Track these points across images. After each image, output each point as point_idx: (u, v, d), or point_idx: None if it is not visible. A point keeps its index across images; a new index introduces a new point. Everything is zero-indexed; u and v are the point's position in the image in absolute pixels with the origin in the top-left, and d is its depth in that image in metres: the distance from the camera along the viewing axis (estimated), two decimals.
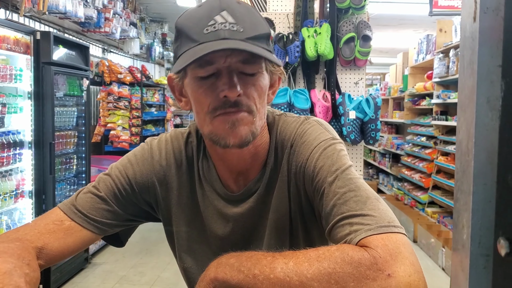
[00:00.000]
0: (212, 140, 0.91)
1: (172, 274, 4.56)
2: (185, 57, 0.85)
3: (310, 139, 0.95)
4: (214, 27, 0.85)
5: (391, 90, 8.52)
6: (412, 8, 7.22)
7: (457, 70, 5.45)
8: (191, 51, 0.84)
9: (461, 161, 0.42)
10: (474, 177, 0.39)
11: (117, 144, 6.83)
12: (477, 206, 0.40)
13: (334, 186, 0.86)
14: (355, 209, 0.81)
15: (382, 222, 0.78)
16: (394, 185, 8.18)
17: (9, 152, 3.34)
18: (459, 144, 0.44)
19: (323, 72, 2.99)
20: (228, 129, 0.88)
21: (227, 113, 0.87)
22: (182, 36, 0.89)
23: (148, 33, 8.40)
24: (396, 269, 0.72)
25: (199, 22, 0.87)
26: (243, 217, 1.01)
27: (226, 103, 0.86)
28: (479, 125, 0.39)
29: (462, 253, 0.41)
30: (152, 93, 7.89)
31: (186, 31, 0.88)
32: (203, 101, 0.88)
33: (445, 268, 4.79)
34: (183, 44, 0.88)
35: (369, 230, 0.77)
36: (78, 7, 4.96)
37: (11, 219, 3.51)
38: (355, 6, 2.85)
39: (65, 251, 0.95)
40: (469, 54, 0.39)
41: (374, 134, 2.83)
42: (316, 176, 0.90)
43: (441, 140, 6.13)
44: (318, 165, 0.90)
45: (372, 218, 0.79)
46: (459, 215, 0.43)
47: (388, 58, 12.63)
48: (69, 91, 4.16)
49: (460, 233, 0.42)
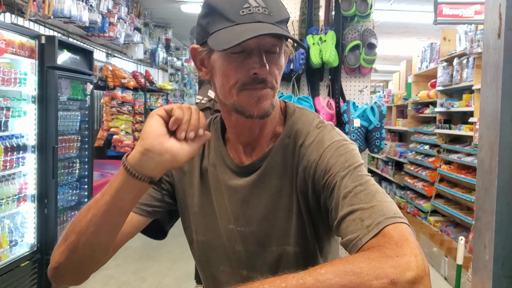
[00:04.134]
0: (236, 110, 0.99)
1: (174, 280, 4.54)
2: (225, 35, 0.92)
3: (325, 138, 1.02)
4: (249, 10, 0.93)
5: (395, 98, 8.51)
6: (416, 16, 7.23)
7: (461, 79, 5.46)
8: (229, 30, 0.93)
9: (483, 180, 0.41)
10: (498, 196, 0.38)
11: (120, 148, 6.82)
12: (500, 226, 0.39)
13: (346, 180, 0.92)
14: (365, 202, 0.87)
15: (389, 214, 0.84)
16: (396, 193, 8.15)
17: (12, 156, 3.33)
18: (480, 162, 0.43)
19: (328, 80, 2.99)
20: (253, 103, 0.97)
21: (254, 88, 0.97)
22: (215, 14, 0.95)
23: (152, 38, 8.42)
24: (404, 251, 0.77)
25: (234, 4, 0.94)
26: (243, 189, 1.07)
27: (255, 80, 0.96)
28: (503, 143, 0.38)
29: (483, 274, 0.40)
30: (156, 98, 7.90)
31: (221, 10, 0.94)
32: (232, 76, 0.97)
33: (447, 277, 4.76)
34: (216, 21, 0.95)
35: (378, 223, 0.83)
36: (82, 11, 4.98)
37: (13, 223, 3.50)
38: (361, 14, 2.85)
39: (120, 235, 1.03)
40: (493, 71, 0.38)
41: (379, 143, 2.82)
42: (329, 170, 0.96)
43: (444, 149, 6.11)
44: (332, 161, 0.97)
45: (380, 210, 0.85)
46: (481, 234, 0.41)
47: (391, 66, 12.64)
48: (73, 95, 4.16)
49: (482, 253, 0.41)
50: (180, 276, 4.62)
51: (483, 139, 0.41)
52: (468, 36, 5.17)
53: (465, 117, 5.65)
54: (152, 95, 7.79)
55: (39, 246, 3.66)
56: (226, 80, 0.98)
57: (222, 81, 0.99)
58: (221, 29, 0.94)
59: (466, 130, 5.36)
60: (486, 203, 0.41)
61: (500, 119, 0.39)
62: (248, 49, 0.95)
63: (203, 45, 0.99)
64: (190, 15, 7.59)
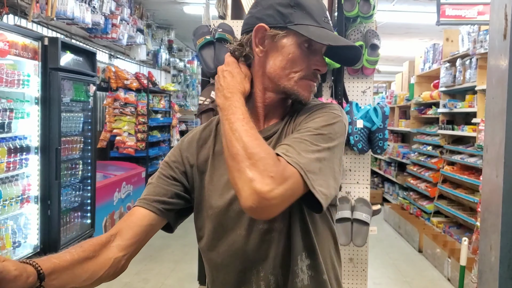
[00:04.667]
0: (288, 92, 1.16)
1: (176, 281, 4.54)
2: (320, 32, 1.11)
3: (322, 106, 1.17)
4: (327, 19, 1.15)
5: (397, 99, 8.50)
6: (418, 17, 7.21)
7: (464, 80, 5.45)
8: (320, 30, 1.11)
9: (488, 181, 0.41)
10: (504, 198, 0.38)
11: (123, 150, 6.83)
12: (507, 228, 0.38)
13: (305, 133, 1.07)
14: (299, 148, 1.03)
15: (302, 164, 0.99)
16: (399, 194, 8.14)
17: (15, 157, 3.34)
18: (486, 163, 0.43)
19: (330, 81, 2.98)
20: (306, 91, 1.16)
21: (312, 80, 1.17)
22: (304, 10, 1.12)
23: (155, 39, 8.43)
24: (273, 180, 0.94)
25: (319, 10, 1.14)
26: None
27: (314, 74, 1.16)
28: (510, 144, 0.37)
29: (489, 276, 0.40)
30: (158, 99, 7.90)
31: (310, 11, 1.12)
32: (298, 64, 1.14)
33: (450, 278, 4.75)
34: (302, 17, 1.11)
35: (292, 161, 0.99)
36: (85, 13, 4.99)
37: (16, 224, 3.50)
38: (363, 15, 2.84)
39: (137, 234, 1.14)
40: (498, 72, 0.38)
41: (382, 144, 2.81)
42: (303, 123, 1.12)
43: (447, 150, 6.10)
44: (312, 117, 1.12)
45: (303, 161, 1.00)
46: (486, 236, 0.41)
47: (394, 67, 12.62)
48: (76, 97, 4.17)
49: (488, 255, 0.40)
50: (183, 277, 4.62)
51: (488, 140, 0.41)
52: (471, 37, 5.16)
53: (468, 118, 5.64)
54: (154, 96, 7.79)
55: (42, 247, 3.67)
56: (290, 65, 1.13)
57: (286, 64, 1.13)
58: (310, 25, 1.11)
59: (469, 131, 5.35)
60: (491, 205, 0.40)
61: (506, 120, 0.38)
62: (317, 48, 1.15)
63: (277, 28, 1.12)
64: (192, 16, 7.60)
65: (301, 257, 1.12)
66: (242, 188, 0.96)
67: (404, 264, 5.40)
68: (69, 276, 0.99)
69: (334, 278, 1.19)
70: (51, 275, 0.95)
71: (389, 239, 6.46)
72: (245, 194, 0.95)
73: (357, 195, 2.83)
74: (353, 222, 2.68)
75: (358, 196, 2.83)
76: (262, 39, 1.14)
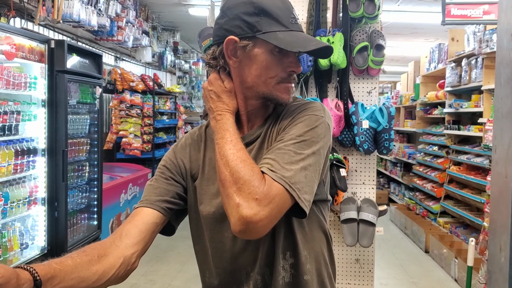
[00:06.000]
0: (267, 97, 1.17)
1: (183, 282, 4.55)
2: (289, 37, 1.10)
3: (306, 107, 1.17)
4: (295, 20, 1.15)
5: (403, 99, 8.47)
6: (424, 17, 7.19)
7: (470, 80, 5.43)
8: (289, 34, 1.11)
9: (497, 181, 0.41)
10: None
11: (129, 151, 6.84)
12: None
13: (288, 143, 1.07)
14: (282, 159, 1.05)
15: (288, 177, 1.01)
16: (405, 195, 8.11)
17: (22, 159, 3.36)
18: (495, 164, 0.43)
19: (336, 81, 2.98)
20: (285, 94, 1.17)
21: (289, 82, 1.17)
22: (270, 16, 1.11)
23: (160, 41, 8.45)
24: (258, 204, 0.97)
25: (285, 12, 1.13)
26: None
27: (290, 76, 1.17)
28: None
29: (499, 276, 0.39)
30: (164, 101, 7.92)
31: (276, 16, 1.12)
32: (273, 69, 1.14)
33: (457, 279, 4.73)
34: (270, 24, 1.11)
35: (277, 176, 1.01)
36: (91, 16, 5.01)
37: (24, 226, 3.52)
38: (368, 15, 2.84)
39: (143, 232, 1.15)
40: (507, 72, 0.38)
41: (388, 144, 2.80)
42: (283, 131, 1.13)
43: (453, 150, 6.07)
44: (294, 121, 1.13)
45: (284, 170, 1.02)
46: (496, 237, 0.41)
47: (399, 67, 12.59)
48: (82, 99, 4.18)
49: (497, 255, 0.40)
50: (189, 278, 4.62)
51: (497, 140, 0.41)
52: (477, 37, 5.14)
53: (474, 118, 5.61)
54: (160, 98, 7.81)
55: (49, 248, 3.68)
56: (265, 72, 1.14)
57: (261, 72, 1.14)
58: (278, 31, 1.11)
59: (475, 131, 5.33)
60: (500, 205, 0.40)
61: None
62: (286, 50, 1.12)
63: (246, 39, 1.12)
64: (197, 18, 7.61)
65: (285, 255, 1.15)
66: (231, 213, 0.99)
67: (411, 264, 5.38)
68: (75, 280, 0.98)
69: (327, 276, 1.22)
70: (52, 280, 0.94)
71: (395, 240, 6.44)
72: (233, 220, 0.98)
73: (363, 195, 2.83)
74: (359, 222, 2.68)
75: (364, 197, 2.82)
76: (233, 50, 1.15)
